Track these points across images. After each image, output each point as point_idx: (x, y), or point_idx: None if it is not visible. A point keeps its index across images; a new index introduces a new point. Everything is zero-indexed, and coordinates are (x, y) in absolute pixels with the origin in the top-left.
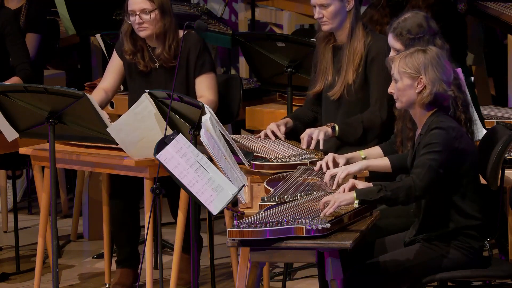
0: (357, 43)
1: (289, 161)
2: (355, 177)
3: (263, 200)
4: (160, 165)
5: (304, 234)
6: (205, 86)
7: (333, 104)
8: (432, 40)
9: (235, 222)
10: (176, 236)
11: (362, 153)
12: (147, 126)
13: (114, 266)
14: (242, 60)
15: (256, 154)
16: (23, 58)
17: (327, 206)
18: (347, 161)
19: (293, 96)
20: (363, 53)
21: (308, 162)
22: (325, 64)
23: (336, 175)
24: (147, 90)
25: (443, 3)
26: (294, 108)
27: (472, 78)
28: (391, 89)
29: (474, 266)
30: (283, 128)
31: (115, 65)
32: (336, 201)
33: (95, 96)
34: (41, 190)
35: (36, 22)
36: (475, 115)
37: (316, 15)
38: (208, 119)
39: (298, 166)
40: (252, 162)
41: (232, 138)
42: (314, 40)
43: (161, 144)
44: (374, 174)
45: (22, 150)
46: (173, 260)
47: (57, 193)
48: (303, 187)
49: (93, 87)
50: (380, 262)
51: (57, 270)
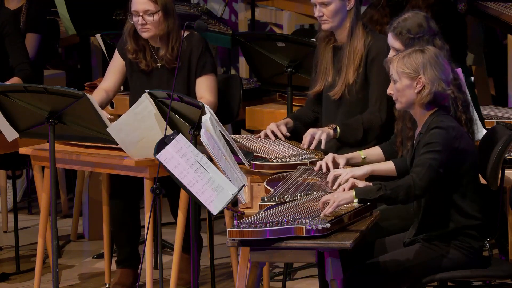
0: (357, 42)
1: (289, 161)
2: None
3: (263, 200)
4: (160, 165)
5: (304, 234)
6: (205, 88)
7: (334, 104)
8: (431, 40)
9: (235, 222)
10: (176, 236)
11: (362, 153)
12: (147, 126)
13: (114, 266)
14: (242, 60)
15: (256, 154)
16: (23, 58)
17: (326, 205)
18: (347, 161)
19: (293, 96)
20: (363, 52)
21: (308, 162)
22: (325, 64)
23: (339, 176)
24: (147, 90)
25: (443, 3)
26: (294, 108)
27: (472, 78)
28: (390, 90)
29: (474, 266)
30: (284, 128)
31: (116, 65)
32: (336, 200)
33: (96, 96)
34: (41, 190)
35: (36, 22)
36: (475, 115)
37: (317, 13)
38: (208, 119)
39: (298, 166)
40: (252, 162)
41: (232, 138)
42: (314, 40)
43: (161, 144)
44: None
45: (22, 150)
46: (173, 260)
47: (57, 193)
48: (303, 187)
49: (93, 87)
50: (380, 262)
51: (57, 270)
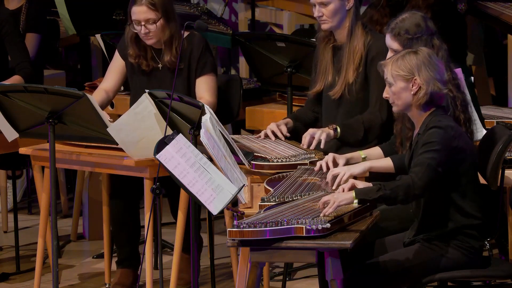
0: (356, 42)
1: (289, 161)
2: (355, 177)
3: (263, 200)
4: (160, 165)
5: (304, 234)
6: (204, 88)
7: (334, 103)
8: (430, 40)
9: (235, 222)
10: (176, 236)
11: (362, 153)
12: (147, 126)
13: (114, 266)
14: (242, 60)
15: (256, 154)
16: (23, 57)
17: (326, 206)
18: (347, 161)
19: (293, 96)
20: (363, 52)
21: (308, 162)
22: (325, 64)
23: (338, 175)
24: (147, 90)
25: (443, 3)
26: (294, 108)
27: (472, 78)
28: (386, 94)
29: (474, 266)
30: (284, 128)
31: (117, 66)
32: (336, 200)
33: (96, 97)
34: (41, 190)
35: (36, 22)
36: (475, 115)
37: (316, 14)
38: (208, 119)
39: (298, 166)
40: (252, 162)
41: (232, 138)
42: (314, 40)
43: (161, 144)
44: (374, 174)
45: (22, 150)
46: (173, 260)
47: (57, 193)
48: (303, 187)
49: (93, 87)
50: (380, 262)
51: (57, 270)
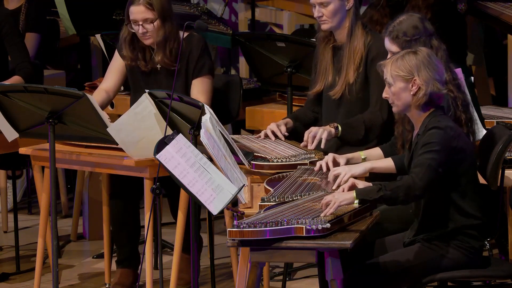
0: (356, 42)
1: (289, 161)
2: (355, 177)
3: (263, 200)
4: (160, 165)
5: (304, 234)
6: (199, 90)
7: (334, 103)
8: (428, 41)
9: (235, 222)
10: (176, 236)
11: (362, 153)
12: (147, 126)
13: (114, 266)
14: (242, 60)
15: (256, 154)
16: (23, 57)
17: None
18: (347, 161)
19: (293, 96)
20: (363, 52)
21: (308, 162)
22: (325, 64)
23: (339, 175)
24: (147, 90)
25: (443, 3)
26: (294, 108)
27: (472, 78)
28: (385, 94)
29: (474, 266)
30: (284, 128)
31: (117, 66)
32: (336, 201)
33: (97, 97)
34: (41, 190)
35: (36, 22)
36: (475, 115)
37: (316, 14)
38: (208, 119)
39: (298, 166)
40: (252, 162)
41: (232, 138)
42: (314, 40)
43: (161, 144)
44: (374, 174)
45: (22, 150)
46: (173, 260)
47: (57, 193)
48: (303, 187)
49: (93, 87)
50: (380, 262)
51: (57, 270)
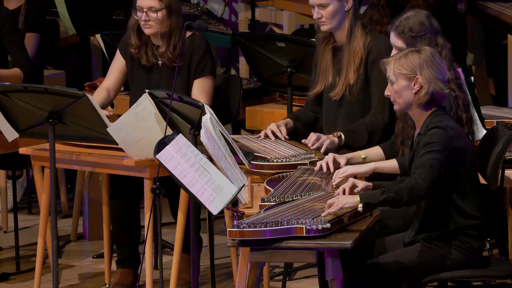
0: (356, 43)
1: (289, 161)
2: (355, 177)
3: (263, 200)
4: (160, 165)
5: (304, 234)
6: (200, 90)
7: (334, 104)
8: (434, 38)
9: (235, 222)
10: (176, 236)
11: (362, 153)
12: (147, 126)
13: (114, 266)
14: (242, 60)
15: (256, 154)
16: (22, 55)
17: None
18: (348, 161)
19: (293, 96)
20: (363, 53)
21: (308, 162)
22: (325, 64)
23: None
24: (147, 90)
25: (443, 3)
26: (294, 108)
27: (472, 78)
28: (387, 92)
29: (474, 266)
30: (284, 128)
31: (118, 65)
32: (340, 203)
33: (98, 96)
34: (41, 190)
35: (35, 22)
36: (475, 115)
37: (315, 15)
38: (208, 119)
39: (298, 166)
40: (252, 162)
41: (232, 138)
42: (314, 40)
43: (161, 144)
44: (375, 174)
45: (22, 150)
46: (173, 260)
47: (57, 193)
48: (303, 187)
49: (93, 87)
50: (380, 262)
51: (57, 270)
